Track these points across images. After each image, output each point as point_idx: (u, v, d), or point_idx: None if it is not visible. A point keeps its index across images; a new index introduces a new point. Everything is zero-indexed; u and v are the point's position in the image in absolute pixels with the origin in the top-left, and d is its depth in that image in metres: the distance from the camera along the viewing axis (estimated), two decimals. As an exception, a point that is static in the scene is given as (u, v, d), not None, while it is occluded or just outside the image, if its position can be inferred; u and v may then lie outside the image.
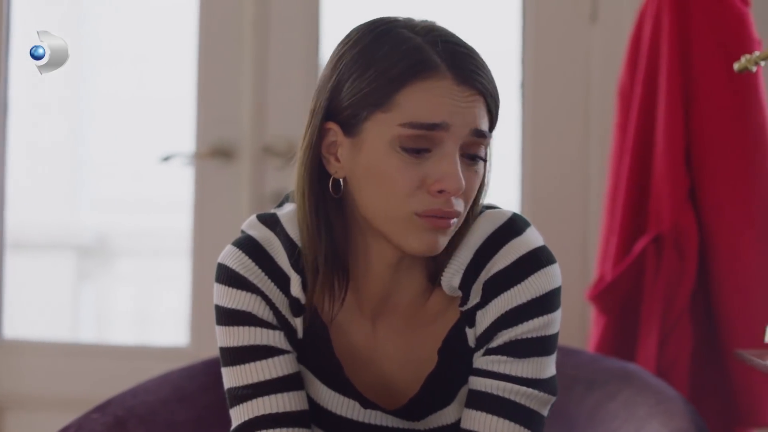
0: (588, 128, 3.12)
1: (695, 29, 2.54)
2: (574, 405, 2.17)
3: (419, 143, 1.56)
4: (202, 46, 3.30)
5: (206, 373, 2.21)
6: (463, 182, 1.56)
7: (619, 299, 2.60)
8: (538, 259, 1.67)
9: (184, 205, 3.36)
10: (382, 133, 1.57)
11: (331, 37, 3.24)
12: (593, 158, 3.11)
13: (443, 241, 1.61)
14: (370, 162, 1.59)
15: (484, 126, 1.59)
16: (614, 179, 2.69)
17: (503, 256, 1.67)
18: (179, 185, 3.38)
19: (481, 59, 1.60)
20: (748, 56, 2.06)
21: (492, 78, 1.61)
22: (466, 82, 1.57)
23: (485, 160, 1.63)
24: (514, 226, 1.69)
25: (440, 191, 1.56)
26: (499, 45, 3.23)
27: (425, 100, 1.56)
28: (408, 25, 1.62)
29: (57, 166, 3.73)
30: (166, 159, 3.29)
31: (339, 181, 1.64)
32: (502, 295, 1.66)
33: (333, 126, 1.62)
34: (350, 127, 1.60)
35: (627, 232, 2.62)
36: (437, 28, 1.61)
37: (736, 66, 2.07)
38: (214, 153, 3.26)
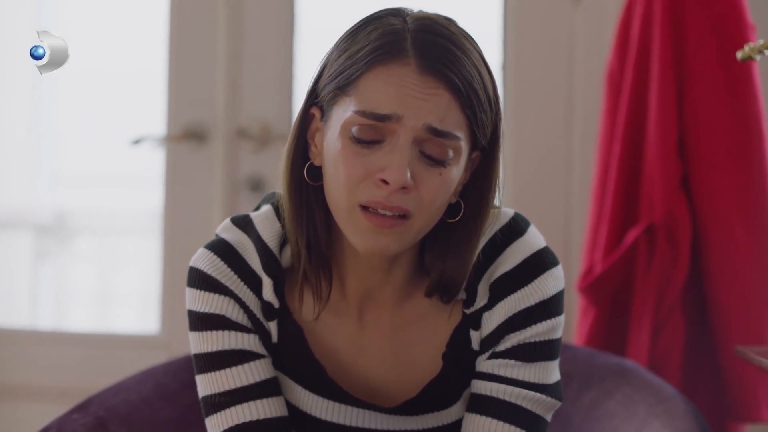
0: (571, 111, 3.08)
1: (689, 13, 2.50)
2: (569, 403, 2.12)
3: (370, 134, 1.50)
4: (174, 24, 3.24)
5: (189, 369, 2.13)
6: (408, 177, 1.48)
7: (610, 290, 2.56)
8: (543, 261, 1.64)
9: (151, 183, 3.31)
10: (341, 117, 1.52)
11: (307, 16, 3.17)
12: (576, 142, 3.07)
13: (393, 243, 1.53)
14: (328, 148, 1.54)
15: (446, 126, 1.50)
16: (603, 166, 2.65)
17: (508, 258, 1.63)
18: (145, 163, 3.34)
19: (466, 56, 1.52)
20: (751, 45, 2.01)
21: (474, 78, 1.51)
22: (429, 72, 1.49)
23: (449, 166, 1.52)
24: (516, 227, 1.65)
25: (383, 181, 1.49)
26: (480, 26, 3.15)
27: (381, 87, 1.49)
28: (405, 13, 1.56)
29: (16, 141, 3.67)
30: (137, 142, 3.24)
31: (319, 168, 1.59)
32: (509, 297, 1.62)
33: (315, 111, 1.58)
34: (324, 111, 1.56)
35: (617, 220, 2.59)
36: (430, 18, 1.54)
37: (739, 55, 2.02)
38: (186, 136, 3.20)
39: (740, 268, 2.47)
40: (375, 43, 1.50)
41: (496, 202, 1.63)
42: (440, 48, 1.50)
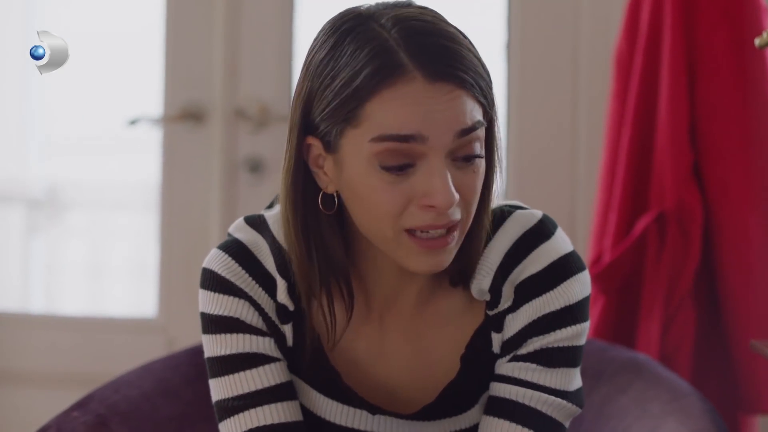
0: (577, 94, 3.04)
1: (701, -4, 2.45)
2: (581, 398, 2.09)
3: (398, 159, 1.44)
4: (171, 3, 3.19)
5: (190, 364, 2.13)
6: (455, 195, 1.44)
7: (620, 280, 2.53)
8: (570, 265, 1.60)
9: (146, 156, 3.30)
10: (357, 151, 1.45)
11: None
12: (582, 125, 3.03)
13: (448, 257, 1.50)
14: (353, 182, 1.47)
15: (473, 119, 1.45)
16: (612, 152, 2.61)
17: (534, 261, 1.59)
18: (139, 135, 3.31)
19: (459, 43, 1.46)
20: (771, 31, 1.97)
21: (475, 63, 1.46)
22: (441, 79, 1.42)
23: (482, 156, 1.49)
24: (544, 229, 1.61)
25: (430, 207, 1.45)
26: (483, 4, 3.12)
27: (394, 109, 1.42)
28: (376, 14, 1.47)
29: (5, 114, 3.64)
30: (133, 122, 3.19)
31: (332, 196, 1.53)
32: (534, 300, 1.59)
33: (314, 141, 1.50)
34: (329, 144, 1.48)
35: (627, 208, 2.55)
36: (408, 16, 1.46)
37: (757, 41, 1.99)
38: (183, 116, 3.15)
39: (753, 258, 2.44)
40: (369, 66, 1.42)
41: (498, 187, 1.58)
42: (435, 47, 1.44)
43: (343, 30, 1.47)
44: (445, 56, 1.43)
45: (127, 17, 3.42)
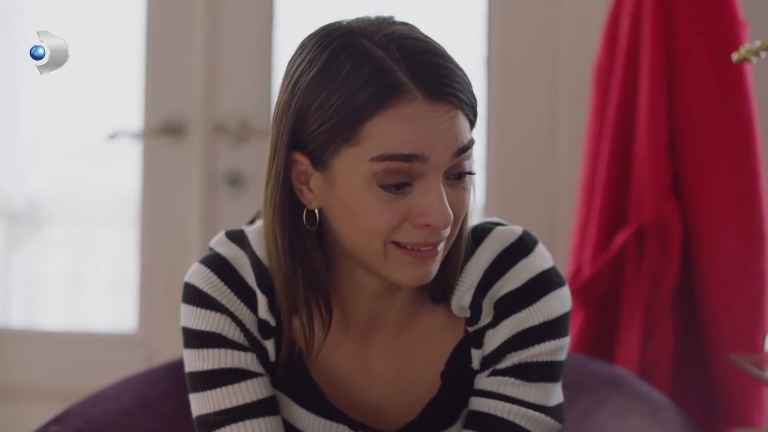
0: (556, 107, 3.05)
1: (680, 10, 2.45)
2: (560, 412, 2.09)
3: (397, 178, 1.44)
4: (151, 15, 3.20)
5: (169, 378, 2.12)
6: (451, 215, 1.45)
7: (599, 293, 2.53)
8: (548, 282, 1.60)
9: (125, 170, 3.30)
10: (354, 170, 1.45)
11: (286, 8, 3.11)
12: (562, 137, 3.04)
13: (434, 267, 1.51)
14: (347, 199, 1.47)
15: (467, 138, 1.46)
16: (591, 165, 2.62)
17: (513, 277, 1.59)
18: (119, 149, 3.30)
19: (451, 61, 1.46)
20: (748, 47, 1.96)
21: (467, 81, 1.47)
22: (441, 98, 1.43)
23: (472, 173, 1.51)
24: (523, 246, 1.61)
25: (425, 225, 1.45)
26: (464, 18, 3.13)
27: (396, 129, 1.42)
28: (365, 31, 1.47)
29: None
30: (113, 136, 3.19)
31: (314, 212, 1.53)
32: (513, 316, 1.59)
33: (300, 157, 1.49)
34: (319, 161, 1.47)
35: (606, 221, 2.55)
36: (398, 33, 1.46)
37: (734, 56, 1.98)
38: (163, 130, 3.16)
39: (732, 272, 2.43)
40: (369, 86, 1.42)
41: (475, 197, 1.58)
42: (432, 67, 1.44)
43: (335, 47, 1.46)
44: (443, 76, 1.43)
45: (106, 32, 3.42)
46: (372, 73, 1.42)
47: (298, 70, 1.49)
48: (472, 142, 1.47)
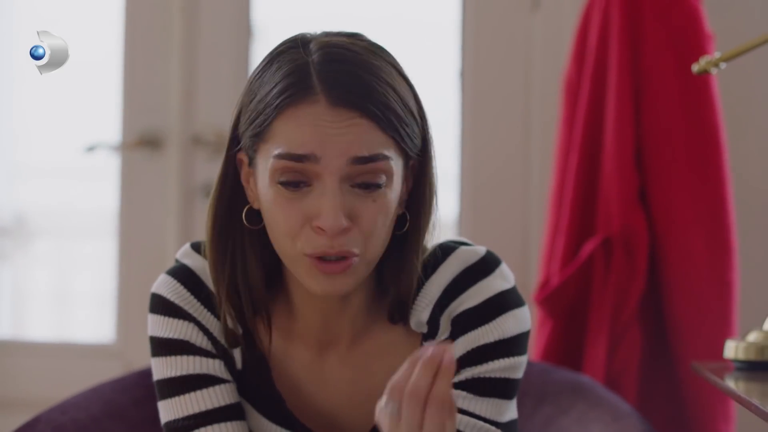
0: (529, 119, 3.06)
1: (646, 23, 2.48)
2: (523, 419, 2.10)
3: (294, 176, 1.46)
4: (128, 29, 3.22)
5: (139, 385, 2.12)
6: (343, 220, 1.46)
7: (567, 303, 2.54)
8: (506, 302, 1.61)
9: (105, 183, 3.31)
10: (264, 167, 1.49)
11: (263, 21, 3.14)
12: (534, 149, 3.05)
13: (347, 282, 1.51)
14: (263, 198, 1.51)
15: (372, 150, 1.46)
16: (560, 177, 2.63)
17: (471, 296, 1.61)
18: (100, 162, 3.31)
19: (376, 77, 1.47)
20: (708, 58, 1.98)
21: (390, 98, 1.47)
22: (342, 104, 1.44)
23: (381, 187, 1.49)
24: (484, 266, 1.63)
25: (320, 228, 1.47)
26: (437, 33, 3.13)
27: (295, 128, 1.45)
28: (309, 40, 1.50)
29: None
30: (91, 149, 3.20)
31: (257, 211, 1.56)
32: (469, 333, 1.60)
33: (243, 157, 1.54)
34: (251, 159, 1.52)
35: (574, 232, 2.56)
36: (332, 43, 1.49)
37: (695, 68, 1.99)
38: (140, 143, 3.18)
39: (698, 281, 2.44)
40: (281, 85, 1.46)
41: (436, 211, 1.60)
42: (348, 76, 1.46)
43: (277, 52, 1.51)
44: (354, 85, 1.45)
45: (84, 45, 3.43)
46: (285, 74, 1.46)
47: (249, 79, 1.54)
48: (382, 156, 1.47)
